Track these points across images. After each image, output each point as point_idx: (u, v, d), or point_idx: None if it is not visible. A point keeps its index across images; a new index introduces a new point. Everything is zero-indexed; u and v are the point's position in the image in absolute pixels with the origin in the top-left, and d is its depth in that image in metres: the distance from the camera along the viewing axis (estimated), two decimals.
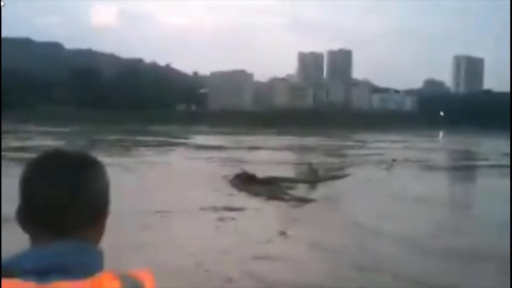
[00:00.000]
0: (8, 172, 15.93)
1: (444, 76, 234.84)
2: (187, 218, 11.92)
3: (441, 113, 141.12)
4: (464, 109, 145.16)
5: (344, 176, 21.66)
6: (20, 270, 0.86)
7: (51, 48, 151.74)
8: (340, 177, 21.24)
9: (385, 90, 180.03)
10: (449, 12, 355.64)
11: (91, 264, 0.92)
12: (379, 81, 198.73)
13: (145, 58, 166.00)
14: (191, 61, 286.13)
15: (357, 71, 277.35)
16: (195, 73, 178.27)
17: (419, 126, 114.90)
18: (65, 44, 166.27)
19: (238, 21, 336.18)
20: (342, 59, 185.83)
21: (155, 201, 13.54)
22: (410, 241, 10.04)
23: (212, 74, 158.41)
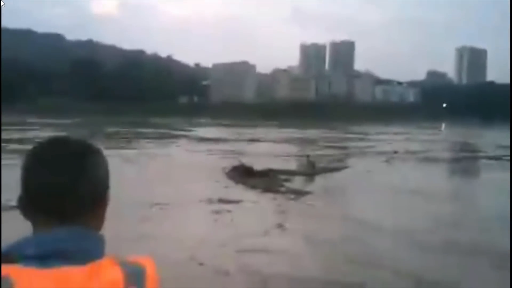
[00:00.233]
0: (9, 164, 16.09)
1: (447, 67, 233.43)
2: (184, 211, 11.93)
3: (444, 105, 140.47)
4: (467, 101, 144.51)
5: (343, 168, 21.69)
6: (22, 256, 0.87)
7: (52, 39, 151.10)
8: (339, 169, 21.25)
9: (388, 82, 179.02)
10: (452, 2, 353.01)
11: (92, 250, 0.92)
12: (382, 73, 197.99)
13: (147, 50, 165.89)
14: (193, 53, 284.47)
15: (359, 62, 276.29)
16: (197, 65, 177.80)
17: (422, 118, 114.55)
18: (66, 35, 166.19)
19: (240, 12, 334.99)
20: (345, 51, 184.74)
21: (154, 193, 13.58)
22: (405, 234, 10.02)
23: (214, 66, 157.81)
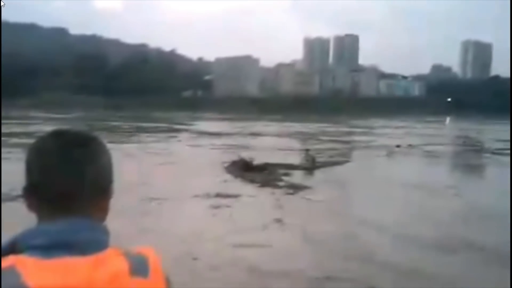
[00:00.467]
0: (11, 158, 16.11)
1: (452, 61, 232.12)
2: (182, 205, 11.89)
3: (449, 99, 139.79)
4: (472, 95, 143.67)
5: (344, 162, 21.57)
6: (27, 246, 0.88)
7: (56, 34, 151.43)
8: (340, 163, 21.14)
9: (392, 76, 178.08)
10: None
11: (97, 241, 0.93)
12: (386, 67, 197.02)
13: (150, 44, 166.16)
14: (196, 47, 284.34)
15: (364, 57, 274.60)
16: (200, 59, 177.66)
17: (426, 112, 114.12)
18: (70, 30, 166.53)
19: (244, 6, 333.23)
20: (349, 45, 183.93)
21: (153, 188, 13.57)
22: (401, 229, 9.94)
23: (217, 60, 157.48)
